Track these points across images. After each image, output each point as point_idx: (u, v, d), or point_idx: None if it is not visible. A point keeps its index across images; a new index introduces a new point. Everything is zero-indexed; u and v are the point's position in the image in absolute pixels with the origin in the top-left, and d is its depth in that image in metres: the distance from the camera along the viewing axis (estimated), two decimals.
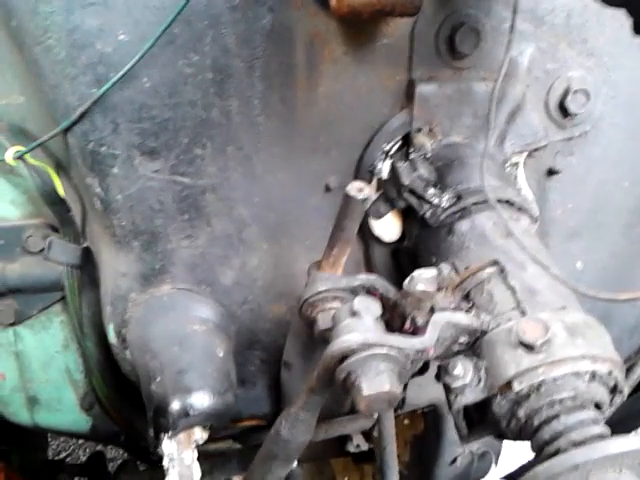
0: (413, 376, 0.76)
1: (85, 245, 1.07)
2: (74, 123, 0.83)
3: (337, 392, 0.69)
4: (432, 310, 0.74)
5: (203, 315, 0.99)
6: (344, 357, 0.65)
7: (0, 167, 0.97)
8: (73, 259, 1.05)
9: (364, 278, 0.77)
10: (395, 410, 1.08)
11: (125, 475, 1.63)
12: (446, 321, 0.70)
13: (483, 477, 1.29)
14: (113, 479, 1.63)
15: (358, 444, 1.33)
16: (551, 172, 0.99)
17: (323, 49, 0.86)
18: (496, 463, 1.26)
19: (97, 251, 1.02)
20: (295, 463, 0.90)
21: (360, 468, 1.81)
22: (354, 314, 0.69)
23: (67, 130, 0.84)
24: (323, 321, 0.74)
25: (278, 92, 0.88)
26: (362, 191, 0.67)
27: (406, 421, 1.34)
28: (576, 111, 0.93)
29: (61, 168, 1.00)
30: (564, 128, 0.95)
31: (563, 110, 0.93)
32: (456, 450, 1.24)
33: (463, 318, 0.71)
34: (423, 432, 1.28)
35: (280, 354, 0.95)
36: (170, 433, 0.90)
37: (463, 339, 0.70)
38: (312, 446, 1.27)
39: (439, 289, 0.76)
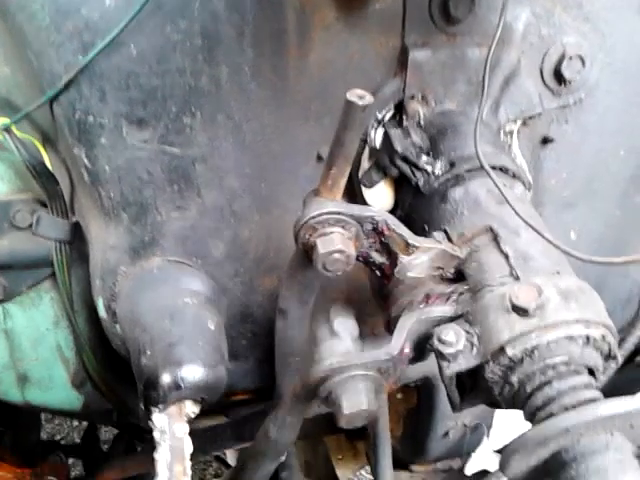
0: (414, 362, 0.77)
1: (74, 220, 1.06)
2: (60, 92, 0.81)
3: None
4: (427, 295, 0.75)
5: (194, 288, 0.98)
6: (326, 377, 0.70)
7: None
8: (62, 234, 1.04)
9: (377, 211, 0.74)
10: None
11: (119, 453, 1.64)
12: (416, 319, 0.72)
13: (475, 449, 1.29)
14: (107, 459, 1.64)
15: (364, 424, 1.32)
16: (546, 140, 0.97)
17: (314, 15, 0.85)
18: (488, 436, 1.26)
19: (86, 225, 1.01)
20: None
21: (354, 446, 1.82)
22: (334, 335, 0.74)
23: (53, 100, 0.82)
24: (323, 245, 0.71)
25: (269, 59, 0.86)
26: (363, 98, 0.64)
27: (399, 395, 1.34)
28: (571, 78, 0.91)
29: (48, 141, 0.98)
30: (559, 95, 0.94)
31: (558, 77, 0.92)
32: (448, 423, 1.24)
33: (437, 310, 0.72)
34: (416, 406, 1.28)
35: (272, 327, 0.94)
36: (161, 406, 0.90)
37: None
38: (305, 424, 1.27)
39: (434, 268, 0.76)
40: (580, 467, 0.59)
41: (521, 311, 0.64)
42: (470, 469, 1.31)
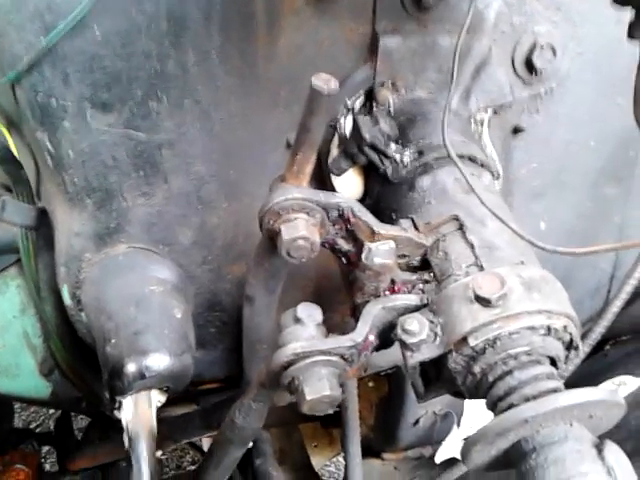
0: (379, 349, 0.77)
1: (40, 205, 1.04)
2: (22, 74, 0.79)
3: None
4: (393, 282, 0.75)
5: (160, 275, 0.96)
6: (289, 363, 0.69)
7: None
8: (28, 220, 1.02)
9: (343, 198, 0.73)
10: None
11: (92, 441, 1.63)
12: (381, 307, 0.71)
13: (445, 438, 1.30)
14: (80, 447, 1.63)
15: (328, 410, 1.33)
16: (516, 130, 0.97)
17: (283, 0, 0.83)
18: (458, 424, 1.27)
19: (51, 211, 0.99)
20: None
21: (329, 433, 1.82)
22: (297, 321, 0.72)
23: (15, 82, 0.80)
24: (287, 232, 0.70)
25: (237, 45, 0.84)
26: (329, 83, 0.63)
27: (371, 384, 1.34)
28: (542, 67, 0.91)
29: (12, 125, 0.96)
30: (530, 85, 0.93)
31: (529, 66, 0.91)
32: (419, 412, 1.25)
33: (402, 299, 0.72)
34: (387, 395, 1.29)
35: (241, 315, 0.93)
36: (126, 395, 0.89)
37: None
38: (279, 412, 1.27)
39: (399, 256, 0.75)
40: (539, 457, 0.59)
41: (484, 301, 0.64)
42: (440, 457, 1.32)
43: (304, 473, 1.75)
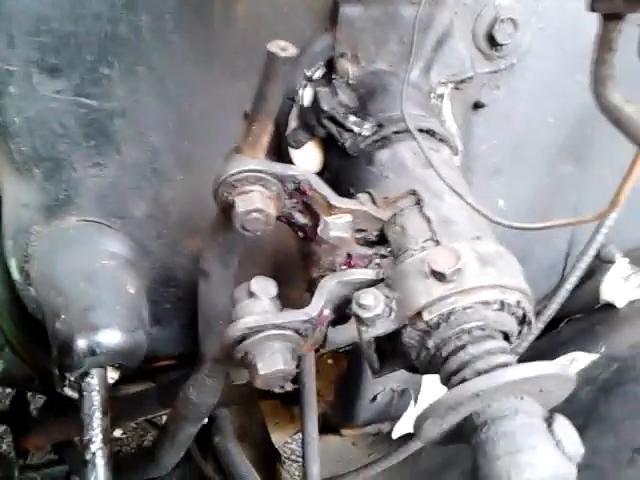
0: (335, 324, 0.76)
1: None
2: None
3: None
4: (349, 257, 0.74)
5: (113, 249, 0.94)
6: (243, 337, 0.68)
7: None
8: None
9: (300, 171, 0.72)
10: (317, 350, 1.07)
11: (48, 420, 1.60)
12: (336, 281, 0.71)
13: (402, 414, 1.31)
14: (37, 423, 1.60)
15: (282, 385, 1.32)
16: (477, 106, 0.96)
17: None
18: (415, 401, 1.28)
19: None
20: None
21: (290, 410, 1.82)
22: (251, 295, 0.71)
23: None
24: (242, 204, 0.68)
25: (193, 8, 0.81)
26: (286, 49, 0.61)
27: (330, 361, 1.34)
28: (503, 41, 0.90)
29: None
30: (491, 59, 0.93)
31: (490, 40, 0.90)
32: (377, 388, 1.25)
33: (358, 273, 0.71)
34: (346, 371, 1.29)
35: (196, 291, 0.91)
36: (76, 372, 0.86)
37: None
38: (238, 390, 1.26)
39: (357, 230, 0.74)
40: (490, 431, 0.59)
41: (439, 276, 0.63)
42: (397, 433, 1.33)
43: (264, 449, 1.75)
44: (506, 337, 0.68)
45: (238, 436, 1.67)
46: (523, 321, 0.68)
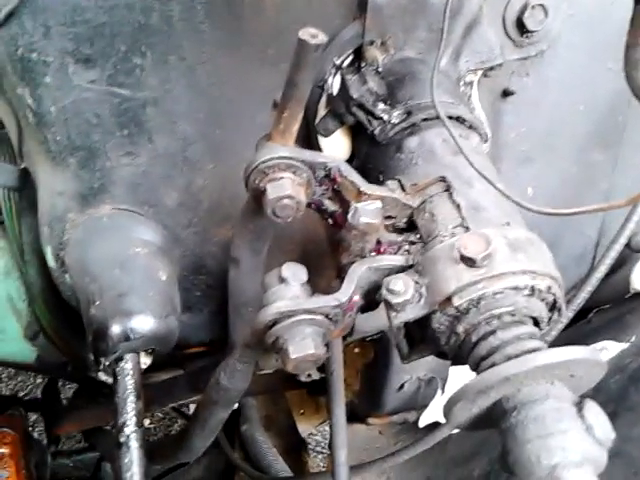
0: (365, 311, 0.77)
1: (23, 165, 1.02)
2: (0, 25, 0.77)
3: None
4: (379, 243, 0.74)
5: (145, 237, 0.95)
6: (274, 322, 0.69)
7: None
8: (10, 181, 1.00)
9: (330, 158, 0.72)
10: (345, 338, 1.08)
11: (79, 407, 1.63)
12: (366, 267, 0.71)
13: (429, 403, 1.31)
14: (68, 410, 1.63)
15: (309, 373, 1.33)
16: (506, 93, 0.96)
17: None
18: (442, 390, 1.29)
19: (34, 170, 0.97)
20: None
21: (315, 401, 1.84)
22: (282, 280, 0.72)
23: None
24: (273, 190, 0.69)
25: None
26: (316, 37, 0.61)
27: (356, 350, 1.35)
28: (533, 28, 0.89)
29: None
30: (521, 46, 0.92)
31: (520, 27, 0.89)
32: (404, 377, 1.26)
33: (388, 259, 0.72)
34: (373, 360, 1.30)
35: (227, 279, 0.93)
36: (110, 357, 0.88)
37: None
38: (266, 379, 1.27)
39: (386, 217, 0.75)
40: (520, 415, 0.59)
41: (469, 261, 0.64)
42: (423, 421, 1.33)
43: (290, 438, 1.77)
44: (536, 323, 0.68)
45: (264, 425, 1.70)
46: (553, 307, 0.68)
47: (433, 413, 1.30)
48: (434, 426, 1.24)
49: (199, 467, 1.78)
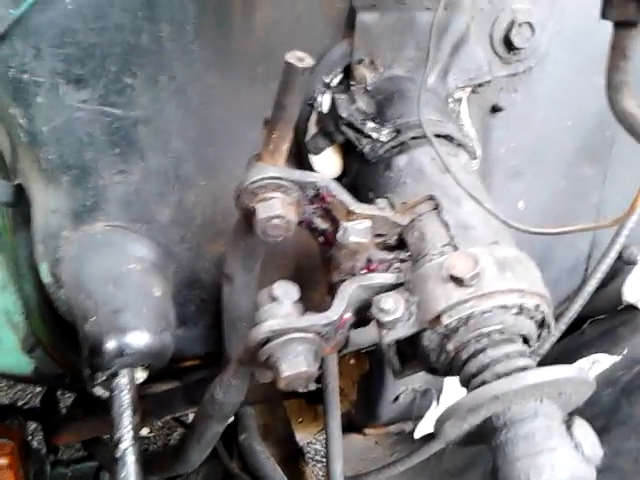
0: (357, 327, 0.78)
1: (17, 182, 1.02)
2: None
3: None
4: (369, 261, 0.75)
5: (139, 254, 0.96)
6: (266, 341, 0.70)
7: None
8: (4, 197, 1.01)
9: (319, 177, 0.73)
10: (340, 351, 1.09)
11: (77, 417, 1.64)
12: (357, 285, 0.72)
13: (424, 414, 1.32)
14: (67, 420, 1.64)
15: (305, 386, 1.34)
16: (495, 109, 0.97)
17: None
18: (437, 401, 1.29)
19: (28, 187, 0.98)
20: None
21: (314, 409, 1.84)
22: (274, 299, 0.72)
23: None
24: (263, 211, 0.70)
25: (212, 17, 0.83)
26: (303, 60, 0.63)
27: (352, 361, 1.35)
28: (521, 45, 0.90)
29: None
30: (509, 63, 0.93)
31: (508, 44, 0.90)
32: (399, 388, 1.26)
33: (378, 277, 0.72)
34: (368, 372, 1.30)
35: (220, 293, 0.93)
36: (105, 373, 0.89)
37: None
38: (264, 388, 1.28)
39: (376, 235, 0.75)
40: (509, 433, 0.60)
41: (458, 281, 0.65)
42: (419, 432, 1.34)
43: (288, 448, 1.77)
44: (525, 340, 0.69)
45: (262, 434, 1.70)
46: (542, 325, 0.69)
47: (428, 424, 1.31)
48: (430, 437, 1.24)
49: (197, 478, 1.78)
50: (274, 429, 1.85)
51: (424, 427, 1.32)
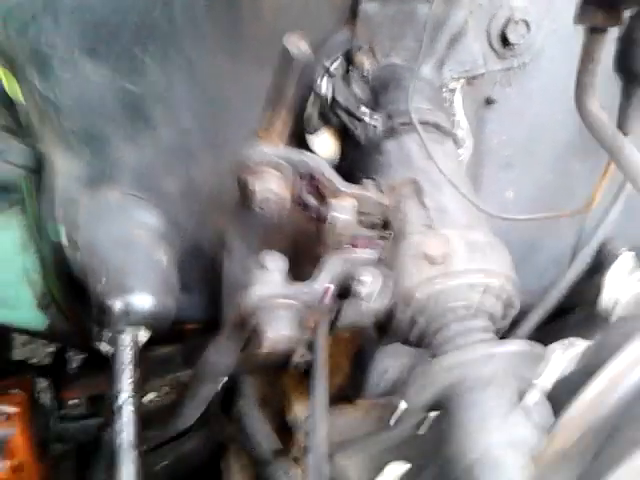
0: (341, 299, 0.82)
1: (42, 149, 1.09)
2: (12, 10, 0.82)
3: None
4: (354, 238, 0.81)
5: (149, 222, 1.03)
6: (253, 305, 0.76)
7: None
8: (29, 162, 1.07)
9: (311, 157, 0.78)
10: (332, 329, 1.15)
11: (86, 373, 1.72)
12: (341, 260, 0.78)
13: None
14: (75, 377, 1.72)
15: (302, 354, 1.40)
16: (489, 102, 1.01)
17: None
18: None
19: (49, 153, 1.04)
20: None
21: None
22: (263, 267, 0.78)
23: (7, 20, 0.83)
24: (259, 187, 0.76)
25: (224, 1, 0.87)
26: (300, 45, 0.68)
27: (347, 334, 1.40)
28: (516, 41, 0.94)
29: (17, 68, 1.00)
30: (504, 58, 0.97)
31: (504, 40, 0.94)
32: (389, 362, 1.32)
33: (361, 253, 0.78)
34: (361, 346, 1.36)
35: (221, 263, 1.00)
36: (111, 330, 0.97)
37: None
38: (261, 358, 1.34)
39: (362, 214, 0.81)
40: (463, 399, 0.66)
41: (430, 259, 0.70)
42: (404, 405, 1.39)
43: (283, 419, 1.84)
44: (492, 318, 0.74)
45: (260, 405, 1.77)
46: (508, 304, 0.74)
47: None
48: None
49: (196, 438, 1.86)
50: (271, 401, 1.92)
51: None
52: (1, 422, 1.34)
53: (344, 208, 0.78)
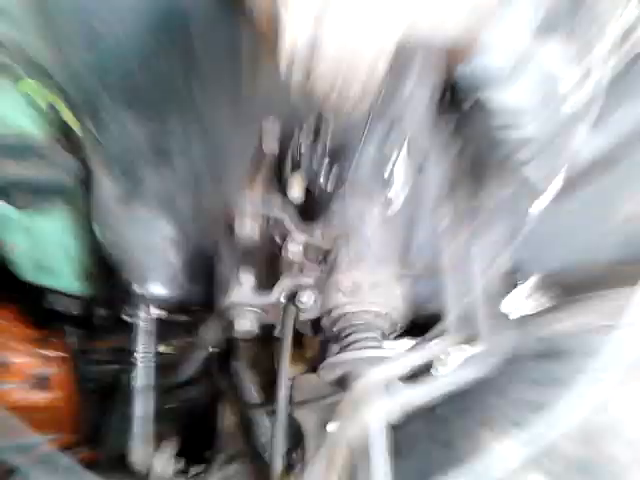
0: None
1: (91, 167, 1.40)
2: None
3: None
4: (301, 268, 1.16)
5: (165, 232, 1.33)
6: (229, 307, 1.13)
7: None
8: (80, 173, 1.41)
9: (278, 208, 1.13)
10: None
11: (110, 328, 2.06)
12: (290, 282, 1.13)
13: None
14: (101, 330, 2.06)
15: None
16: None
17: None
18: None
19: (96, 171, 1.37)
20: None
21: (298, 352, 2.22)
22: (238, 282, 1.15)
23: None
24: (238, 223, 1.15)
25: (229, 79, 1.09)
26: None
27: None
28: None
29: (75, 110, 1.21)
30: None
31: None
32: None
33: (305, 277, 1.13)
34: None
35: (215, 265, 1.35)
36: (132, 307, 1.35)
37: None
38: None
39: (307, 250, 1.15)
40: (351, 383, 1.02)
41: (342, 292, 1.06)
42: None
43: (270, 378, 2.16)
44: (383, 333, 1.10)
45: (251, 364, 2.09)
46: (392, 323, 1.10)
47: None
48: None
49: (199, 387, 2.17)
50: (261, 361, 2.24)
51: None
52: (45, 362, 1.69)
53: (297, 246, 1.13)
